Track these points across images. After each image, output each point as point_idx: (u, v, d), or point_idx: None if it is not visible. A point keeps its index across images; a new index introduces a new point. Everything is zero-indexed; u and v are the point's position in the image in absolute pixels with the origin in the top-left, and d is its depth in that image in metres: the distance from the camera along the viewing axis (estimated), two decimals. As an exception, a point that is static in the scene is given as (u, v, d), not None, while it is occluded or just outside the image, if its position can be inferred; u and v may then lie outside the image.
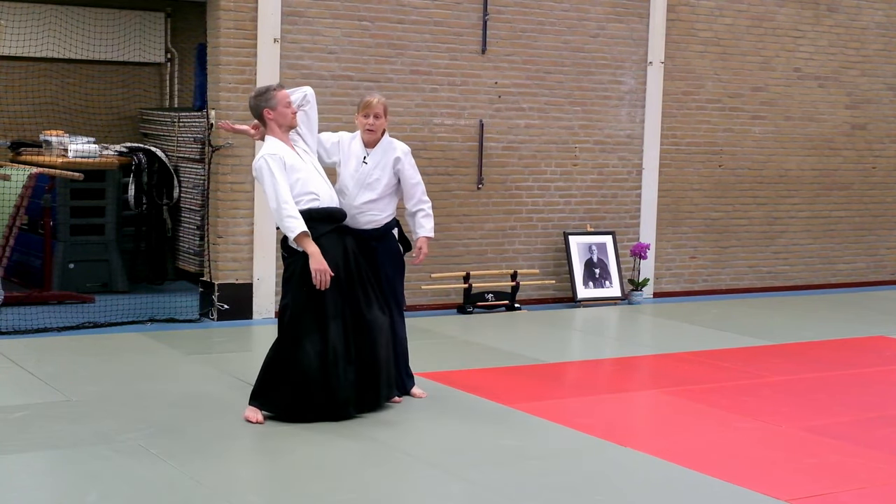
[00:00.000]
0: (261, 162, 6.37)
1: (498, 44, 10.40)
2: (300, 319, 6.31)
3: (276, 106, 6.45)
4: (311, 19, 9.58)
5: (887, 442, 6.36)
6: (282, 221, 6.32)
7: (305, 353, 6.28)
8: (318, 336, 6.30)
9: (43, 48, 11.14)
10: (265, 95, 6.49)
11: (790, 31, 11.94)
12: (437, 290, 10.22)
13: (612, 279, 10.94)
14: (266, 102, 6.46)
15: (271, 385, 6.33)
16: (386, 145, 6.86)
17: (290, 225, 6.28)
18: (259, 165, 6.37)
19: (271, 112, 6.45)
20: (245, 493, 5.19)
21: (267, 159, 6.34)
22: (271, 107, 6.45)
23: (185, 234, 10.50)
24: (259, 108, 6.49)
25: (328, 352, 6.30)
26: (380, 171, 6.80)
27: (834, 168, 12.41)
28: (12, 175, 9.46)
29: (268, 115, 6.46)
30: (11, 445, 5.73)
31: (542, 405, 6.90)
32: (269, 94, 6.48)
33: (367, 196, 6.78)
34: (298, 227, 6.27)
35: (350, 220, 6.72)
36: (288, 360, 6.30)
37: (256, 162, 6.43)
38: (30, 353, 7.78)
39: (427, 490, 5.35)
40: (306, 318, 6.31)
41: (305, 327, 6.30)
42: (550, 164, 10.78)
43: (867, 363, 8.59)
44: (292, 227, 6.28)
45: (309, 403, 6.29)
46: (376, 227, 6.84)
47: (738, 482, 5.51)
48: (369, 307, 6.52)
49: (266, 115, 6.47)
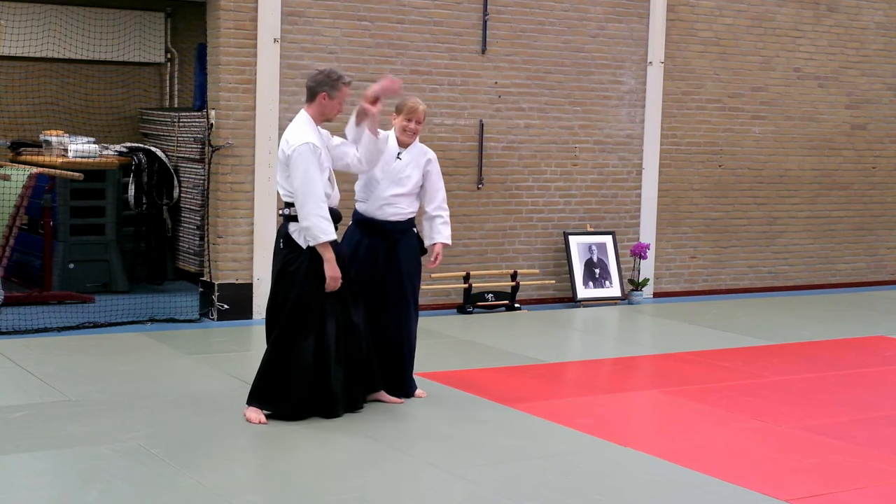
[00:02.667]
0: (304, 148, 6.20)
1: (498, 44, 10.40)
2: (301, 316, 6.29)
3: (336, 98, 6.38)
4: (311, 19, 9.58)
5: (887, 442, 6.36)
6: (312, 220, 6.18)
7: (303, 349, 6.28)
8: (315, 334, 6.29)
9: (43, 48, 11.14)
10: (334, 82, 6.36)
11: (790, 31, 11.94)
12: (437, 290, 10.22)
13: (612, 279, 10.95)
14: (330, 89, 6.36)
15: (271, 382, 6.33)
16: (419, 148, 6.97)
17: (324, 227, 6.19)
18: (302, 150, 6.20)
19: (327, 99, 6.36)
20: (245, 493, 5.19)
21: (311, 148, 6.21)
22: (331, 95, 6.36)
23: (185, 234, 10.50)
24: (319, 87, 6.35)
25: (323, 350, 6.30)
26: (411, 169, 6.88)
27: (834, 168, 12.41)
28: (12, 175, 9.46)
29: (322, 99, 6.36)
30: (11, 445, 5.73)
31: (542, 405, 6.90)
32: (338, 84, 6.37)
33: (397, 190, 6.84)
34: (331, 233, 6.22)
35: (377, 211, 6.79)
36: (287, 356, 6.29)
37: (297, 144, 6.23)
38: (30, 353, 7.78)
39: (427, 490, 5.35)
40: (308, 315, 6.30)
41: (306, 325, 6.29)
42: (550, 164, 10.78)
43: (867, 363, 8.59)
44: (326, 230, 6.20)
45: (302, 399, 6.29)
46: (400, 220, 6.88)
47: (737, 482, 5.51)
48: (356, 309, 6.49)
49: (321, 98, 6.35)
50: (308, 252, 6.29)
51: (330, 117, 6.46)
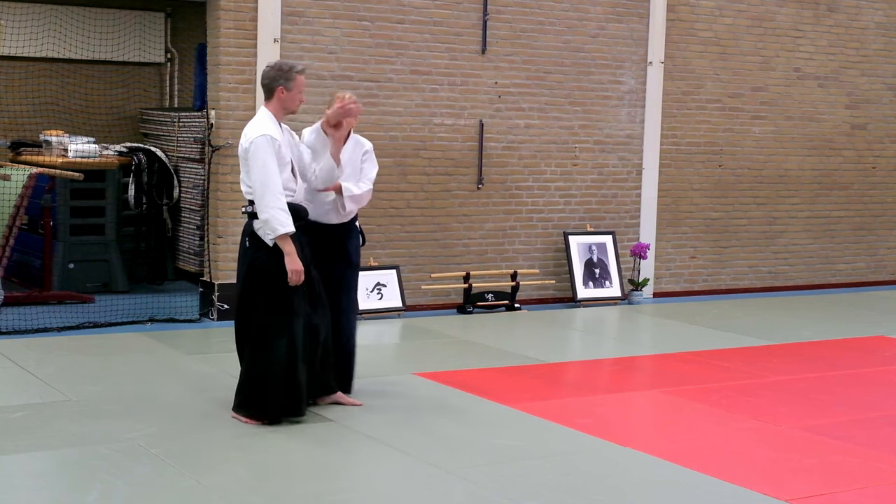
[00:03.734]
0: (261, 140, 6.12)
1: (498, 44, 10.40)
2: (273, 316, 6.19)
3: (292, 88, 6.32)
4: (311, 19, 9.58)
5: (887, 442, 6.36)
6: (270, 213, 6.07)
7: (277, 349, 6.18)
8: (287, 334, 6.19)
9: (43, 48, 11.14)
10: (287, 73, 6.31)
11: (790, 31, 11.94)
12: (437, 290, 10.22)
13: (612, 279, 10.95)
14: (285, 81, 6.30)
15: (255, 388, 6.23)
16: (354, 140, 6.85)
17: (283, 220, 6.09)
18: (258, 143, 6.11)
19: (285, 92, 6.30)
20: (245, 493, 5.19)
21: (268, 140, 6.12)
22: (287, 87, 6.31)
23: (185, 234, 10.50)
24: (275, 83, 6.29)
25: (293, 349, 6.21)
26: (350, 170, 6.76)
27: (834, 168, 12.41)
28: (12, 175, 9.46)
29: (280, 94, 6.30)
30: (11, 445, 5.73)
31: (541, 405, 6.90)
32: (291, 74, 6.31)
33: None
34: (289, 225, 6.11)
35: (323, 216, 6.69)
36: (263, 359, 6.20)
37: (254, 137, 6.14)
38: (30, 353, 7.78)
39: (427, 490, 5.35)
40: (278, 316, 6.19)
41: (278, 324, 6.19)
42: (550, 164, 10.78)
43: (867, 363, 8.59)
44: (285, 223, 6.09)
45: (279, 403, 6.20)
46: (345, 222, 6.81)
47: (737, 482, 5.51)
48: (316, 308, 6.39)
49: (279, 92, 6.30)
50: (272, 252, 6.17)
51: (292, 109, 6.38)
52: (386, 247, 10.00)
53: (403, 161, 10.05)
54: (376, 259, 9.86)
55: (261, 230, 6.21)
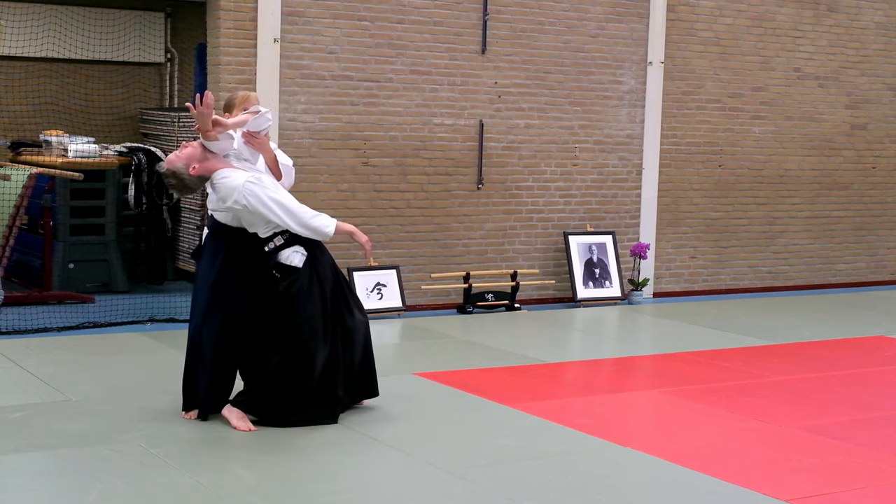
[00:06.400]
0: (246, 187, 6.00)
1: (498, 44, 10.40)
2: (312, 334, 6.21)
3: (204, 157, 6.15)
4: (311, 19, 9.58)
5: (888, 442, 6.36)
6: (311, 224, 6.11)
7: (315, 364, 6.21)
8: (325, 348, 6.23)
9: (43, 48, 11.14)
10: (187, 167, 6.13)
11: (790, 31, 11.94)
12: (437, 290, 10.22)
13: (612, 279, 10.95)
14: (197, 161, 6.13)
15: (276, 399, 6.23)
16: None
17: (323, 222, 6.14)
18: (247, 191, 6.00)
19: (199, 164, 6.13)
20: (245, 493, 5.19)
21: (251, 181, 6.03)
22: (201, 161, 6.15)
23: (185, 234, 10.50)
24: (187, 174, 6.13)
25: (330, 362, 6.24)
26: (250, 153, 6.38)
27: (834, 168, 12.41)
28: (12, 175, 9.46)
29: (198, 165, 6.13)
30: (11, 445, 5.73)
31: (542, 405, 6.90)
32: (191, 165, 6.12)
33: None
34: (330, 219, 6.18)
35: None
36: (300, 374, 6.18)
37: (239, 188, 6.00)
38: (30, 353, 7.78)
39: (427, 490, 5.35)
40: (316, 331, 6.22)
41: (317, 341, 6.22)
42: (550, 164, 10.78)
43: (867, 363, 8.59)
44: (326, 222, 6.15)
45: (308, 410, 6.23)
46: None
47: (737, 482, 5.51)
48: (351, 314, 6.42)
49: (194, 169, 6.12)
50: (302, 273, 6.20)
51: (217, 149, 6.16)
52: (386, 247, 10.00)
53: (403, 161, 10.05)
54: (376, 259, 9.86)
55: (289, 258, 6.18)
